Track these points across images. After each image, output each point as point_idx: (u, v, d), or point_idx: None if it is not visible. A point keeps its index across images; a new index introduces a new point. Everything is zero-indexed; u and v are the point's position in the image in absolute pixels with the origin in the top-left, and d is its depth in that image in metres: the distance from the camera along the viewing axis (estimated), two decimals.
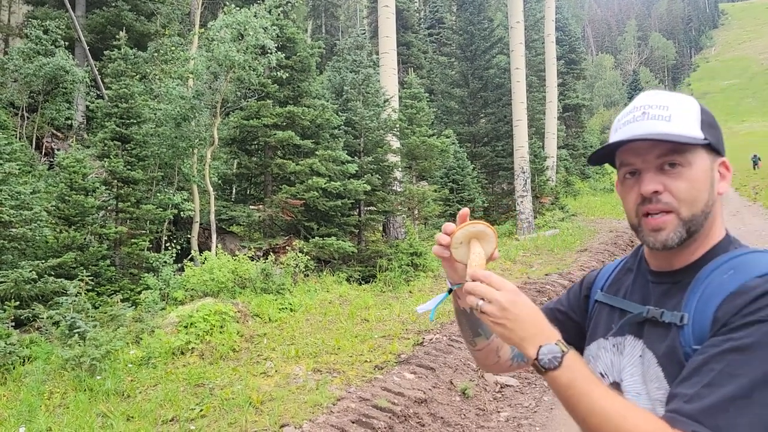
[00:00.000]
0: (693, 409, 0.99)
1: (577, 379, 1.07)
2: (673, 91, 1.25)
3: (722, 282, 1.10)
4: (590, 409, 1.05)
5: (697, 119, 1.18)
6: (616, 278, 1.39)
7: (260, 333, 7.23)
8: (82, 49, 17.40)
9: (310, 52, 12.99)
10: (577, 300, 1.47)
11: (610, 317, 1.33)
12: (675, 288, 1.20)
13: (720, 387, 0.98)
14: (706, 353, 1.04)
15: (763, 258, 1.12)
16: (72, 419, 4.66)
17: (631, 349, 1.23)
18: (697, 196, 1.16)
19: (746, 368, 0.98)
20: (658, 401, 1.13)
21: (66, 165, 9.32)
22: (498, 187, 23.80)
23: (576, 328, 1.44)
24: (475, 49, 25.05)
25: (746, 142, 63.48)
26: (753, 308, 1.02)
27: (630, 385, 1.21)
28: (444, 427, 4.93)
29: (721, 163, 1.21)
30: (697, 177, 1.16)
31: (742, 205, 24.65)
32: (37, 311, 7.19)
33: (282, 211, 11.71)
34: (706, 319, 1.09)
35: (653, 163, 1.17)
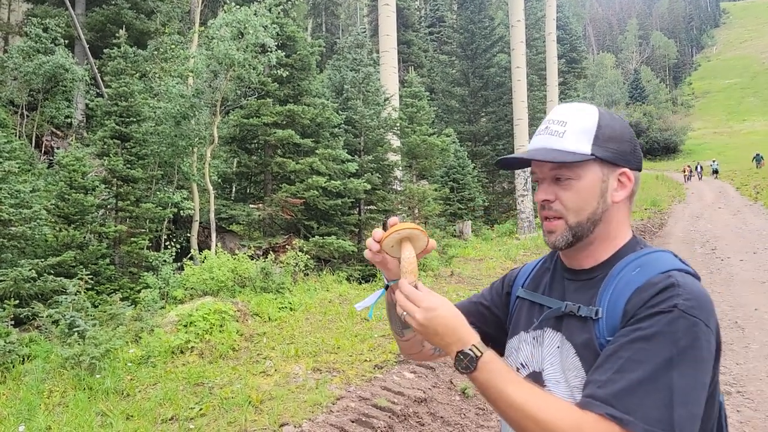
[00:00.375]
0: (605, 394, 1.10)
1: (492, 380, 1.17)
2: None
3: (630, 279, 1.23)
4: (507, 405, 1.15)
5: (590, 135, 1.29)
6: (536, 276, 1.50)
7: (260, 332, 7.22)
8: (81, 47, 17.38)
9: (311, 51, 12.97)
10: (500, 296, 1.58)
11: (531, 312, 1.44)
12: (588, 284, 1.32)
13: (629, 372, 1.10)
14: (617, 342, 1.16)
15: (665, 256, 1.27)
16: (71, 418, 4.65)
17: (549, 341, 1.34)
18: (583, 205, 1.30)
19: (651, 355, 1.11)
20: (576, 388, 1.23)
21: (65, 163, 9.30)
22: (498, 186, 23.81)
23: (497, 322, 1.55)
24: (476, 48, 25.03)
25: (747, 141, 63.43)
26: (656, 300, 1.15)
27: (550, 374, 1.31)
28: (444, 427, 4.91)
29: (621, 173, 1.32)
30: (584, 188, 1.30)
31: (743, 205, 24.63)
32: (36, 310, 7.18)
33: (282, 210, 11.70)
34: (617, 313, 1.21)
35: (548, 174, 1.33)
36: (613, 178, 1.31)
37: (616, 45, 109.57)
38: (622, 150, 1.31)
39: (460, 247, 15.36)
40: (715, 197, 28.86)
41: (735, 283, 10.23)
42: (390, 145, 13.98)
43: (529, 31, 27.83)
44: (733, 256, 12.94)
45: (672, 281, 1.17)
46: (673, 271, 1.21)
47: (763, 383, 5.66)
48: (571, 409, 1.13)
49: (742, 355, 6.50)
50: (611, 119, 1.32)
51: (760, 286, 9.92)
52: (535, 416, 1.11)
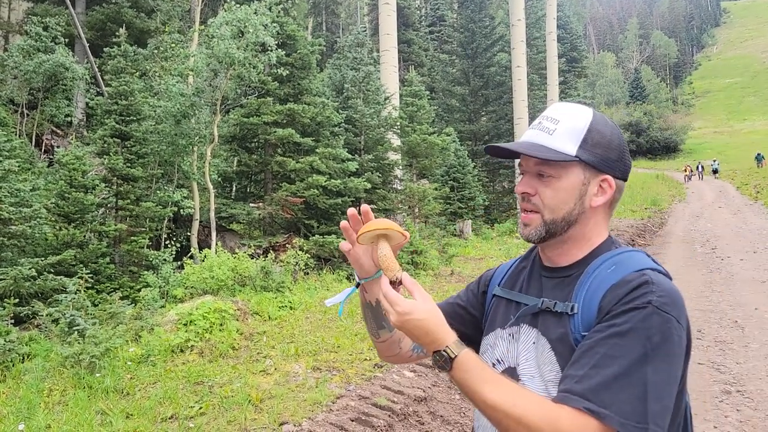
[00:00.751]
0: (582, 388, 1.13)
1: (467, 379, 1.19)
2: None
3: (606, 276, 1.27)
4: (483, 402, 1.17)
5: (578, 137, 1.31)
6: (512, 274, 1.53)
7: (260, 331, 7.21)
8: (82, 46, 17.37)
9: (311, 50, 12.97)
10: (475, 296, 1.61)
11: (507, 309, 1.46)
12: (564, 282, 1.35)
13: (604, 368, 1.13)
14: (593, 338, 1.19)
15: (639, 256, 1.31)
16: (71, 416, 4.65)
17: (525, 336, 1.37)
18: (559, 204, 1.33)
19: (625, 350, 1.14)
20: (551, 382, 1.26)
21: (66, 162, 9.30)
22: (499, 186, 23.78)
23: (473, 322, 1.58)
24: (476, 47, 25.01)
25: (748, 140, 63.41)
26: (631, 297, 1.18)
27: (525, 369, 1.34)
28: (444, 426, 4.91)
29: (604, 180, 1.34)
30: (562, 188, 1.32)
31: (744, 204, 24.63)
32: (36, 308, 7.18)
33: (282, 209, 11.70)
34: (592, 309, 1.24)
35: (533, 168, 1.36)
36: (595, 183, 1.33)
37: (616, 44, 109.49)
38: (608, 157, 1.33)
39: (461, 246, 15.36)
40: (716, 196, 28.85)
41: (735, 283, 10.22)
42: (390, 144, 13.98)
43: (530, 30, 27.82)
44: (733, 256, 12.93)
45: (646, 279, 1.20)
46: (647, 269, 1.24)
47: (762, 382, 5.66)
48: (546, 403, 1.15)
49: (742, 355, 6.50)
50: (603, 125, 1.34)
51: (760, 286, 9.91)
52: (510, 413, 1.13)
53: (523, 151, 1.32)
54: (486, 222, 20.73)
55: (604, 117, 1.37)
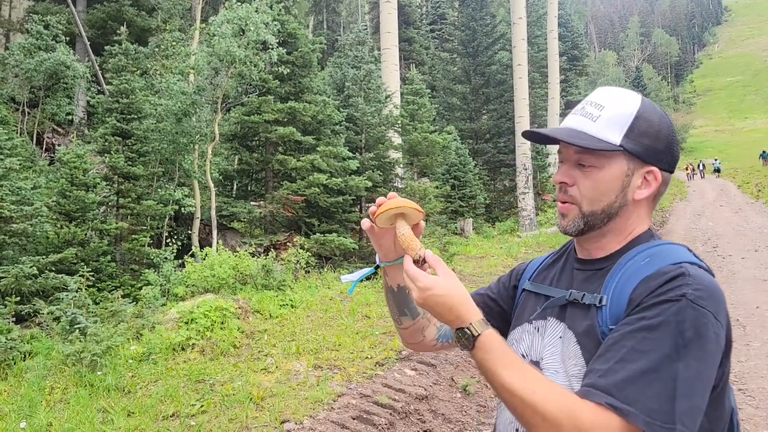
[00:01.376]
0: (606, 383, 1.07)
1: (488, 359, 1.14)
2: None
3: (639, 268, 1.19)
4: (502, 385, 1.12)
5: (624, 125, 1.23)
6: (544, 268, 1.48)
7: (261, 329, 7.22)
8: (82, 44, 17.36)
9: (312, 48, 12.96)
10: (506, 289, 1.56)
11: (535, 303, 1.41)
12: (597, 274, 1.28)
13: (631, 362, 1.07)
14: (621, 331, 1.12)
15: (678, 249, 1.23)
16: (73, 414, 4.65)
17: (552, 330, 1.31)
18: (599, 196, 1.25)
19: (655, 344, 1.07)
20: (574, 377, 1.20)
21: (67, 160, 9.30)
22: (500, 184, 23.78)
23: (502, 315, 1.53)
24: (477, 45, 24.99)
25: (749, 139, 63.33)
26: (664, 289, 1.11)
27: (549, 363, 1.28)
28: (445, 424, 4.91)
29: (649, 172, 1.26)
30: (604, 179, 1.25)
31: (745, 203, 24.62)
32: (37, 307, 7.18)
33: (283, 208, 11.70)
34: (622, 301, 1.17)
35: (572, 157, 1.28)
36: (639, 174, 1.26)
37: (617, 42, 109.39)
38: (655, 147, 1.25)
39: (462, 244, 15.36)
40: (717, 195, 28.83)
41: (736, 281, 10.21)
42: (391, 143, 13.98)
43: (531, 28, 27.79)
44: (734, 254, 12.92)
45: (682, 271, 1.13)
46: (685, 263, 1.16)
47: (764, 381, 5.66)
48: (568, 395, 1.10)
49: (744, 353, 6.49)
50: (652, 112, 1.26)
51: (761, 284, 9.91)
52: (528, 399, 1.08)
53: (563, 138, 1.25)
54: (487, 220, 20.73)
55: (653, 104, 1.28)
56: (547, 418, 1.06)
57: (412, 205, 1.30)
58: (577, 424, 1.05)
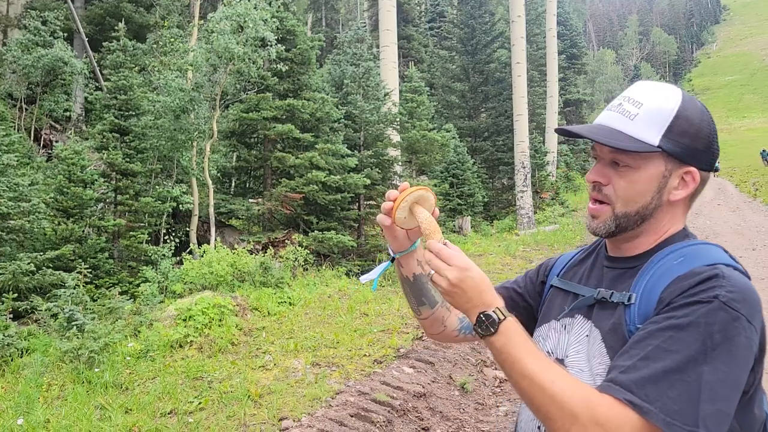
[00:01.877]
0: (628, 379, 1.05)
1: (510, 345, 1.13)
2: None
3: (671, 267, 1.16)
4: (521, 372, 1.10)
5: (663, 124, 1.18)
6: (573, 265, 1.45)
7: (259, 327, 7.21)
8: (80, 40, 17.33)
9: (310, 45, 12.94)
10: (533, 285, 1.53)
11: (564, 301, 1.38)
12: (628, 273, 1.25)
13: (656, 361, 1.04)
14: (647, 329, 1.09)
15: (712, 249, 1.19)
16: (70, 411, 4.64)
17: (579, 328, 1.29)
18: (633, 197, 1.22)
19: (682, 345, 1.04)
20: (599, 376, 1.17)
21: (64, 157, 9.28)
22: (498, 182, 23.78)
23: (528, 310, 1.51)
24: (476, 43, 24.98)
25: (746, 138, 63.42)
26: (696, 290, 1.08)
27: (574, 361, 1.26)
28: (443, 422, 4.91)
29: (687, 172, 1.21)
30: (639, 180, 1.21)
31: (742, 202, 24.65)
32: (35, 303, 7.17)
33: (281, 205, 11.69)
34: (652, 300, 1.14)
35: (607, 156, 1.24)
36: (676, 175, 1.21)
37: (616, 41, 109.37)
38: (694, 147, 1.20)
39: (460, 242, 15.36)
40: (714, 194, 28.87)
41: None
42: (390, 140, 13.96)
43: (530, 26, 27.78)
44: (732, 253, 12.93)
45: (716, 272, 1.09)
46: (720, 264, 1.13)
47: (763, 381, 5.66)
48: (587, 388, 1.08)
49: None
50: (693, 110, 1.21)
51: (758, 283, 9.92)
52: (547, 388, 1.07)
53: (598, 139, 1.20)
54: (485, 219, 20.73)
55: (693, 100, 1.23)
56: (565, 408, 1.05)
57: (422, 186, 1.29)
58: (594, 416, 1.03)
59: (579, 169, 34.02)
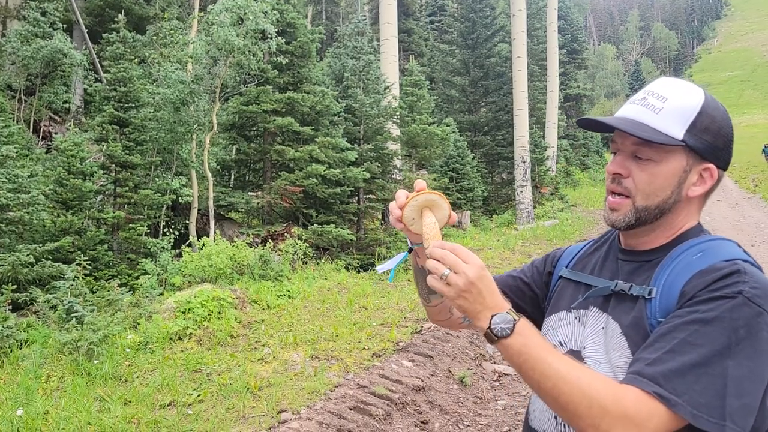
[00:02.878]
0: (654, 372, 1.05)
1: (529, 345, 1.11)
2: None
3: (691, 262, 1.18)
4: (544, 372, 1.09)
5: (687, 119, 1.20)
6: (583, 256, 1.45)
7: (258, 319, 7.22)
8: (80, 31, 17.25)
9: (311, 38, 12.90)
10: (540, 275, 1.53)
11: (576, 292, 1.38)
12: (644, 267, 1.26)
13: (681, 354, 1.05)
14: (671, 323, 1.10)
15: (730, 245, 1.22)
16: (69, 402, 4.65)
17: (594, 320, 1.29)
18: (655, 190, 1.23)
19: (707, 339, 1.05)
20: (619, 368, 1.17)
21: (64, 149, 9.26)
22: (498, 177, 23.75)
23: (534, 299, 1.52)
24: (477, 37, 24.89)
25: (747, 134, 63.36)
26: (719, 285, 1.09)
27: (592, 353, 1.26)
28: (442, 415, 4.93)
29: (705, 169, 1.24)
30: (661, 173, 1.22)
31: (742, 197, 24.66)
32: (34, 295, 7.17)
33: (281, 198, 11.68)
34: (673, 294, 1.16)
35: (629, 148, 1.25)
36: (696, 171, 1.24)
37: (617, 36, 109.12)
38: (715, 144, 1.22)
39: (459, 237, 15.37)
40: None
41: None
42: (390, 134, 13.94)
43: (531, 21, 27.69)
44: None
45: (738, 268, 1.11)
46: (738, 260, 1.15)
47: None
48: (611, 382, 1.09)
49: None
50: (715, 108, 1.23)
51: None
52: (575, 383, 1.06)
53: (625, 129, 1.21)
54: (485, 213, 20.72)
55: (715, 100, 1.26)
56: (594, 403, 1.05)
57: (443, 198, 1.27)
58: (622, 409, 1.03)
59: (578, 164, 34.02)
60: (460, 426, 4.81)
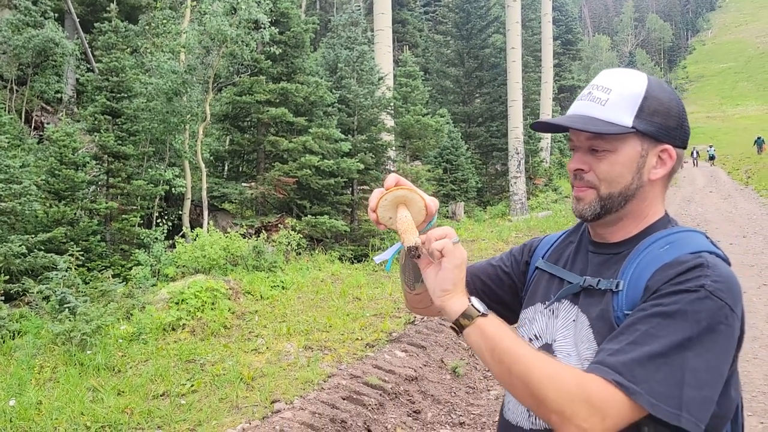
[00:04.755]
0: (616, 362, 1.08)
1: (496, 333, 1.16)
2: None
3: (658, 254, 1.19)
4: (513, 358, 1.12)
5: (633, 106, 1.23)
6: (558, 248, 1.47)
7: (252, 310, 7.22)
8: (72, 21, 17.11)
9: (304, 28, 12.83)
10: (518, 264, 1.55)
11: (549, 284, 1.40)
12: (613, 259, 1.28)
13: (643, 345, 1.07)
14: (635, 316, 1.13)
15: (697, 237, 1.23)
16: (62, 393, 4.65)
17: (565, 313, 1.31)
18: (616, 178, 1.25)
19: (668, 331, 1.07)
20: (586, 360, 1.20)
21: (56, 139, 9.22)
22: (492, 168, 23.79)
23: (512, 288, 1.53)
24: (471, 28, 24.83)
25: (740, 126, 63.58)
26: (682, 279, 1.11)
27: (562, 346, 1.29)
28: (434, 405, 4.96)
29: (663, 150, 1.26)
30: (618, 162, 1.24)
31: (734, 189, 24.78)
32: (27, 286, 7.16)
33: (274, 189, 11.66)
34: (639, 287, 1.17)
35: (585, 144, 1.28)
36: (653, 154, 1.26)
37: (611, 27, 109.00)
38: (667, 125, 1.24)
39: (453, 228, 15.37)
40: (707, 181, 29.00)
41: None
42: (384, 125, 13.92)
43: (525, 11, 27.64)
44: (723, 240, 13.02)
45: (702, 261, 1.13)
46: (704, 252, 1.17)
47: (749, 365, 5.74)
48: (575, 369, 1.12)
49: None
50: (660, 90, 1.25)
51: (748, 270, 10.01)
52: (540, 370, 1.09)
53: (575, 126, 1.24)
54: (478, 204, 20.77)
55: (660, 81, 1.27)
56: (562, 390, 1.07)
57: (419, 193, 1.25)
58: (585, 395, 1.06)
59: None
60: (453, 415, 4.85)
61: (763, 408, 4.79)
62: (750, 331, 6.75)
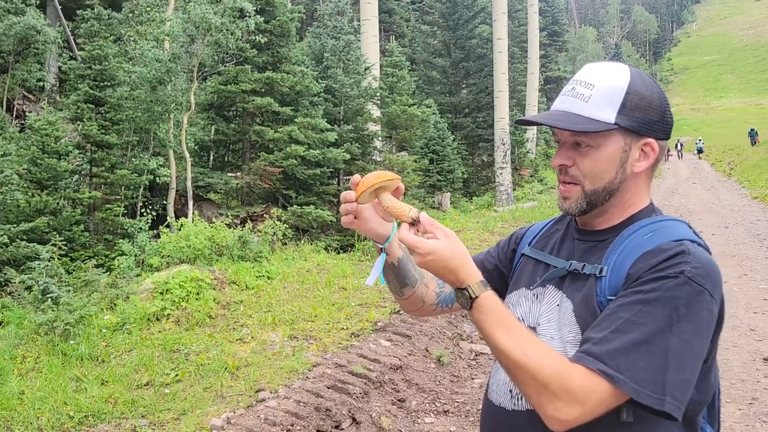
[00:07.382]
0: (599, 351, 1.11)
1: (483, 320, 1.18)
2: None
3: (641, 242, 1.22)
4: (494, 345, 1.17)
5: (616, 102, 1.24)
6: (545, 235, 1.50)
7: (237, 300, 7.21)
8: (54, 8, 16.86)
9: (290, 17, 12.74)
10: (505, 254, 1.59)
11: (535, 270, 1.44)
12: (598, 246, 1.31)
13: (625, 333, 1.11)
14: (617, 303, 1.16)
15: (679, 226, 1.26)
16: (45, 383, 4.63)
17: (550, 298, 1.34)
18: (599, 173, 1.27)
19: (650, 318, 1.11)
20: (569, 344, 1.23)
21: (38, 128, 9.10)
22: (478, 159, 23.82)
23: (502, 279, 1.57)
24: (458, 18, 24.77)
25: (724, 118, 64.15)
26: (663, 266, 1.14)
27: (545, 329, 1.32)
28: (419, 393, 4.99)
29: (645, 144, 1.28)
30: (602, 158, 1.26)
31: (717, 181, 25.06)
32: (9, 276, 7.08)
33: (260, 179, 11.61)
34: (622, 273, 1.20)
35: (569, 139, 1.30)
36: (636, 148, 1.28)
37: (598, 19, 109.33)
38: (649, 119, 1.26)
39: (439, 218, 15.42)
40: (690, 173, 29.30)
41: None
42: (370, 115, 13.90)
43: (512, 2, 27.64)
44: (705, 231, 13.18)
45: (683, 249, 1.16)
46: (685, 240, 1.20)
47: (729, 353, 5.83)
48: (560, 359, 1.14)
49: None
50: (642, 84, 1.26)
51: (729, 260, 10.15)
52: (519, 361, 1.13)
53: (559, 125, 1.26)
54: (465, 195, 20.80)
55: (641, 74, 1.29)
56: (537, 377, 1.11)
57: (387, 176, 1.28)
58: (564, 384, 1.10)
59: None
60: (437, 404, 4.88)
61: (741, 395, 4.87)
62: (729, 320, 6.86)
